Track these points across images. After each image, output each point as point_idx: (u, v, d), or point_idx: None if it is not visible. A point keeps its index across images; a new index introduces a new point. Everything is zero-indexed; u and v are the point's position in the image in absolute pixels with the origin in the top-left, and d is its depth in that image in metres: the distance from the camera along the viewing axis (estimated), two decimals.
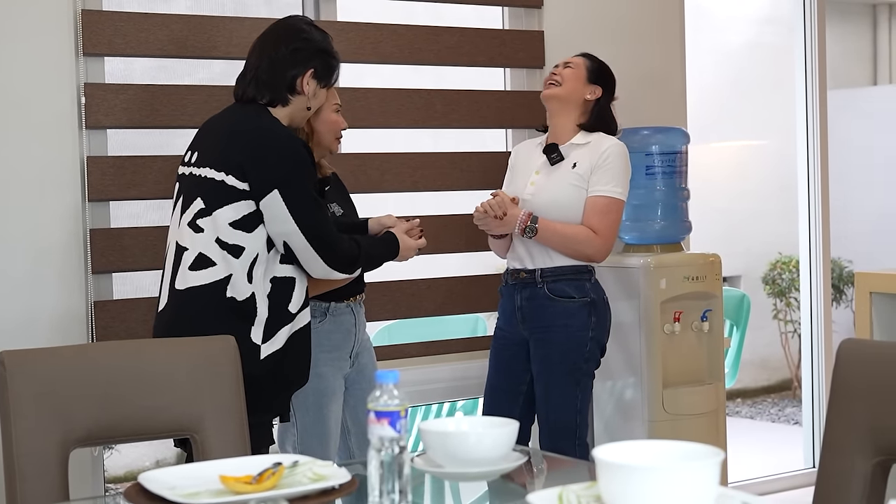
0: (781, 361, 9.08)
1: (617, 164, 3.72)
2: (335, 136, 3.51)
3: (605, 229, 3.70)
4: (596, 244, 3.70)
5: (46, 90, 3.58)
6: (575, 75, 3.81)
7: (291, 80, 3.12)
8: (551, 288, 3.74)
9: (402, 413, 1.80)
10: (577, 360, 3.74)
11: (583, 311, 3.74)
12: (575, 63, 3.84)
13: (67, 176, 3.60)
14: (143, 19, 3.73)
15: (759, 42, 9.28)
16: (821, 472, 2.36)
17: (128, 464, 6.76)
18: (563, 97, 3.81)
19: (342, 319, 3.51)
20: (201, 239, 3.01)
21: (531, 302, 3.78)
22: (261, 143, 3.02)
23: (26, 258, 3.55)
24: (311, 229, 3.01)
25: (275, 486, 1.97)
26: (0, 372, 2.43)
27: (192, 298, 3.02)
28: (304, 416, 3.45)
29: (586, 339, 3.74)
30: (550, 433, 3.78)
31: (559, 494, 1.78)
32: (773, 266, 8.97)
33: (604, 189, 3.69)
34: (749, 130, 9.28)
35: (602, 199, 3.69)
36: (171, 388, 2.57)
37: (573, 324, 3.72)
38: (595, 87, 3.83)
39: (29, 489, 2.38)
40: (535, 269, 3.76)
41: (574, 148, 3.78)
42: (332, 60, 3.20)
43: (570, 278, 3.74)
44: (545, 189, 3.77)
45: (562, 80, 3.81)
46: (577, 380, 3.74)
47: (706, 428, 4.37)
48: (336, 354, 3.49)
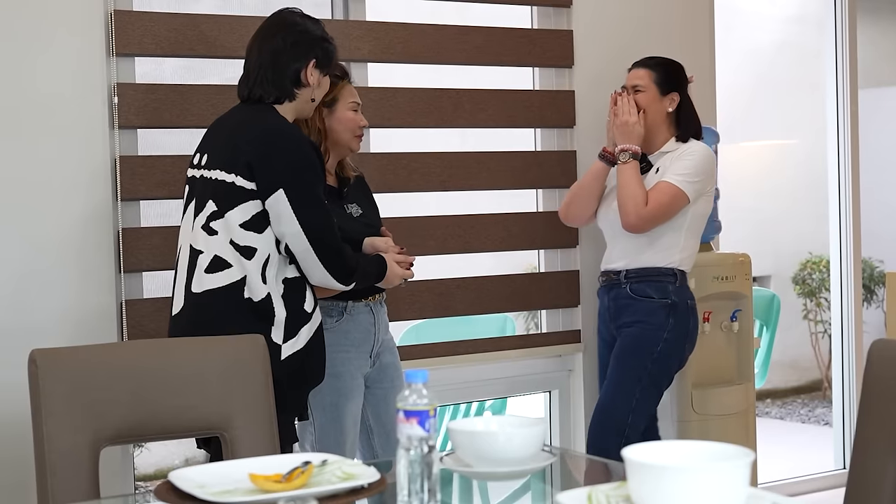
0: (811, 362, 9.03)
1: (692, 161, 3.78)
2: (353, 134, 3.47)
3: (654, 210, 3.73)
4: (637, 210, 3.73)
5: (78, 90, 3.60)
6: (649, 99, 3.85)
7: (295, 73, 3.12)
8: (633, 288, 3.82)
9: (430, 412, 1.80)
10: (643, 359, 3.76)
11: (660, 311, 3.78)
12: (644, 84, 3.86)
13: (98, 175, 3.62)
14: (173, 19, 3.74)
15: (790, 41, 9.24)
16: (852, 473, 2.34)
17: (157, 462, 6.79)
18: (649, 124, 3.86)
19: (360, 319, 3.49)
20: (216, 241, 3.02)
21: (616, 302, 3.87)
22: (267, 141, 3.01)
23: (57, 257, 3.57)
24: (314, 232, 3.00)
25: (304, 484, 1.97)
26: (32, 370, 2.45)
27: (210, 301, 3.02)
28: (321, 416, 3.44)
29: (659, 340, 3.77)
30: (597, 426, 3.77)
31: (588, 494, 1.77)
32: (803, 266, 8.92)
33: (671, 178, 3.75)
34: (779, 130, 9.24)
35: (663, 183, 3.75)
36: (201, 386, 2.58)
37: (649, 321, 3.78)
38: (671, 96, 3.88)
39: (60, 486, 2.39)
40: (621, 271, 3.85)
41: (663, 156, 3.86)
42: (330, 46, 3.20)
43: (653, 280, 3.80)
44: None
45: (639, 108, 3.83)
46: (640, 377, 3.75)
47: (736, 428, 4.35)
48: (354, 353, 3.48)
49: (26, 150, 3.53)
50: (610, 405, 3.77)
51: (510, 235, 4.33)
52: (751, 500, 1.71)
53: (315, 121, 3.41)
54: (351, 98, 3.47)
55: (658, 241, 3.82)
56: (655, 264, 3.81)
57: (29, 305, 3.52)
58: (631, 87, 3.87)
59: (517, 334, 5.22)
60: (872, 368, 2.36)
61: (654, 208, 3.74)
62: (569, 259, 4.48)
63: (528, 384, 4.48)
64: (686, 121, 3.89)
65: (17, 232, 3.52)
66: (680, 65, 3.95)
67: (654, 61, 3.91)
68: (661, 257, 3.82)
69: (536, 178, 4.41)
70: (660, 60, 3.92)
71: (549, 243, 4.44)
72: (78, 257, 3.59)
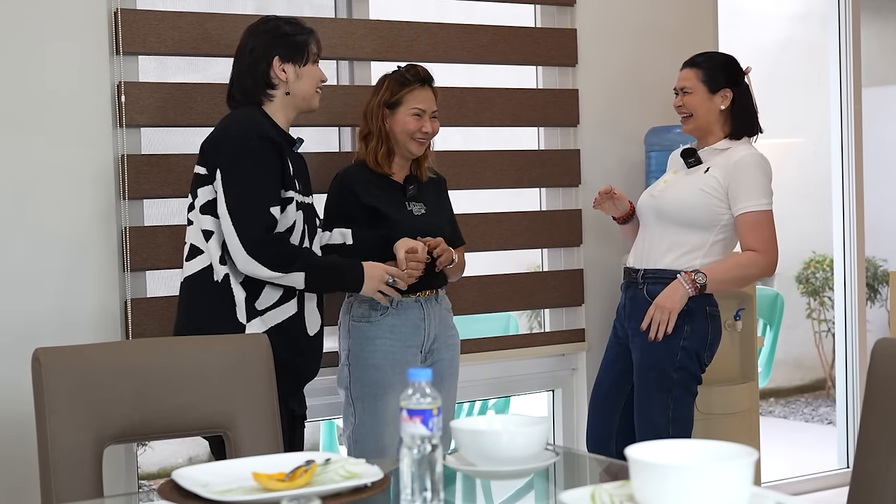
0: (815, 361, 9.02)
1: (752, 175, 3.62)
2: (411, 138, 3.61)
3: (764, 243, 3.60)
4: (761, 262, 3.61)
5: (83, 89, 3.60)
6: (698, 101, 3.74)
7: (264, 76, 3.25)
8: (650, 290, 3.69)
9: (434, 411, 1.80)
10: (666, 368, 3.65)
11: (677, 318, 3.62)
12: (691, 86, 3.74)
13: (103, 174, 3.63)
14: (178, 18, 3.74)
15: (793, 39, 9.23)
16: (855, 472, 2.34)
17: (161, 460, 6.80)
18: (702, 126, 3.76)
19: (409, 314, 3.58)
20: (191, 230, 3.23)
21: (632, 302, 3.76)
22: (218, 129, 3.22)
23: (62, 256, 3.57)
24: (237, 213, 3.09)
25: (307, 483, 1.97)
26: (35, 369, 2.45)
27: (188, 287, 3.23)
28: (361, 406, 3.57)
29: (677, 349, 3.64)
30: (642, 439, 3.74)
31: (592, 493, 1.77)
32: (806, 265, 8.92)
33: (747, 205, 3.60)
34: (782, 128, 9.22)
35: (750, 216, 3.60)
36: (205, 385, 2.58)
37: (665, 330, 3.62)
38: (724, 93, 3.76)
39: (63, 484, 2.39)
40: (640, 270, 3.74)
41: (713, 153, 3.74)
42: (294, 38, 3.28)
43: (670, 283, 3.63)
44: (674, 188, 3.74)
45: (689, 110, 3.75)
46: (669, 388, 3.66)
47: (739, 427, 4.35)
48: (399, 347, 3.56)
49: (31, 149, 3.54)
50: (643, 420, 3.69)
51: (514, 234, 4.33)
52: (754, 499, 1.70)
53: (378, 119, 3.61)
54: (414, 104, 3.61)
55: (682, 241, 3.69)
56: (675, 267, 3.67)
57: (33, 304, 3.53)
58: (681, 90, 3.77)
59: (520, 333, 5.21)
60: (876, 367, 2.36)
61: (765, 246, 3.60)
62: (572, 258, 4.48)
63: (532, 383, 4.49)
64: (739, 117, 3.75)
65: (22, 230, 3.52)
66: (732, 58, 3.82)
67: (701, 58, 3.79)
68: (683, 261, 3.68)
69: (540, 177, 4.40)
70: (708, 56, 3.81)
71: (553, 242, 4.44)
72: (82, 256, 3.59)
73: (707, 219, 3.66)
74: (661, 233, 3.73)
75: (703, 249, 3.68)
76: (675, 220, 3.69)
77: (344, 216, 3.59)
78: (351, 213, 3.59)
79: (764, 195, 3.62)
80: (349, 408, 3.61)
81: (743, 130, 3.75)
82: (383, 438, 3.51)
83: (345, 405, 3.64)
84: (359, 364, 3.57)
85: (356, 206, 3.59)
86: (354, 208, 3.59)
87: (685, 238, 3.68)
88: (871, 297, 8.53)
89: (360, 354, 3.57)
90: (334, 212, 3.63)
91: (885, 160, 8.35)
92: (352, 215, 3.58)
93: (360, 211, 3.59)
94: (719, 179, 3.64)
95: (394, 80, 3.67)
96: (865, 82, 5.68)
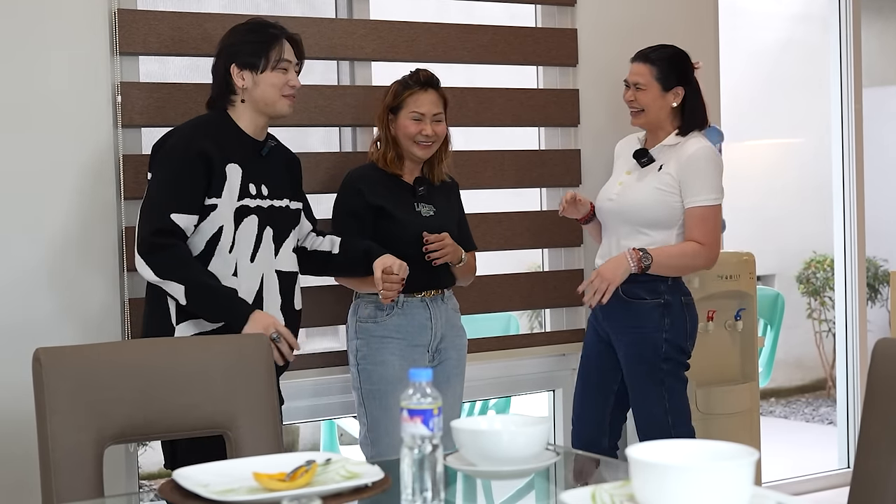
0: (816, 361, 9.03)
1: (704, 169, 3.71)
2: (413, 141, 3.63)
3: (709, 237, 3.70)
4: (704, 255, 3.71)
5: (82, 89, 3.60)
6: (650, 98, 3.78)
7: (226, 82, 3.30)
8: (624, 289, 3.73)
9: (434, 411, 1.80)
10: (654, 361, 3.74)
11: (654, 312, 3.73)
12: (644, 82, 3.77)
13: (102, 174, 3.62)
14: (178, 18, 3.74)
15: (794, 39, 9.23)
16: (856, 472, 2.34)
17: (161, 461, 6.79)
18: (653, 121, 3.81)
19: (414, 314, 3.63)
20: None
21: (608, 301, 3.76)
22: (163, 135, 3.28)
23: (62, 256, 3.57)
24: (140, 215, 3.18)
25: (308, 483, 1.97)
26: (36, 369, 2.45)
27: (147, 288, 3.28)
28: (371, 403, 3.61)
29: (660, 341, 3.73)
30: (644, 434, 3.79)
31: (592, 493, 1.77)
32: (807, 265, 8.92)
33: (698, 199, 3.70)
34: (783, 128, 9.23)
35: (699, 210, 3.70)
36: (205, 385, 2.58)
37: (645, 325, 3.74)
38: (676, 91, 3.79)
39: (64, 485, 2.39)
40: None
41: (664, 150, 3.80)
42: (254, 45, 3.29)
43: (643, 280, 3.72)
44: (632, 190, 3.80)
45: (641, 106, 3.78)
46: (661, 379, 3.75)
47: (740, 427, 4.35)
48: (404, 343, 3.61)
49: (30, 149, 3.54)
50: (642, 415, 3.78)
51: (514, 234, 4.33)
52: (755, 500, 1.70)
53: (384, 124, 3.67)
54: (414, 107, 3.64)
55: (648, 241, 3.75)
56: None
57: (33, 304, 3.53)
58: (633, 84, 3.81)
59: (521, 333, 5.21)
60: (877, 367, 2.36)
61: (708, 239, 3.70)
62: (573, 258, 4.48)
63: (532, 383, 4.48)
64: (690, 113, 3.80)
65: (22, 230, 3.52)
66: (684, 53, 3.85)
67: (656, 55, 3.81)
68: None
69: (540, 177, 4.40)
70: (662, 54, 3.81)
71: (553, 242, 4.44)
72: (82, 256, 3.59)
73: (668, 217, 3.74)
74: (625, 234, 3.80)
75: (671, 242, 3.75)
76: (637, 221, 3.77)
77: (350, 214, 3.61)
78: (356, 211, 3.61)
79: (714, 190, 3.71)
80: (361, 408, 3.64)
81: (693, 125, 3.80)
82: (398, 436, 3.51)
83: (357, 407, 3.67)
84: (367, 363, 3.60)
85: (362, 204, 3.61)
86: (360, 207, 3.61)
87: (650, 238, 3.76)
88: (872, 298, 8.54)
89: (368, 354, 3.60)
90: (340, 210, 3.66)
91: (885, 160, 8.35)
92: (357, 213, 3.60)
93: (366, 210, 3.60)
94: (673, 175, 3.72)
95: (398, 84, 3.70)
96: (866, 82, 5.68)
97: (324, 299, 3.88)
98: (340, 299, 3.83)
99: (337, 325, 3.99)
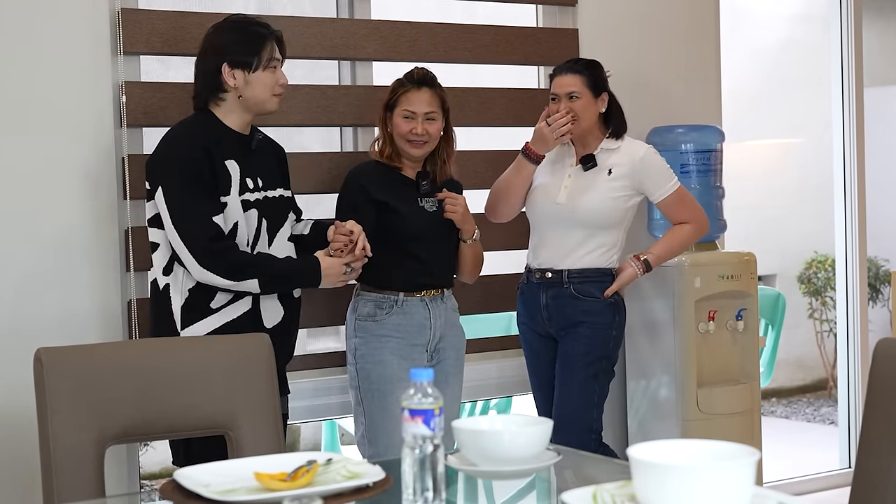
0: (817, 361, 9.02)
1: (658, 163, 3.89)
2: (405, 140, 3.64)
3: (692, 211, 3.92)
4: (697, 230, 3.94)
5: (85, 89, 3.60)
6: (585, 105, 3.84)
7: (214, 80, 3.28)
8: (578, 289, 3.86)
9: (436, 411, 1.80)
10: (601, 356, 3.85)
11: (608, 310, 3.87)
12: (578, 90, 3.83)
13: (105, 174, 3.63)
14: (180, 17, 3.75)
15: (795, 39, 9.22)
16: (857, 472, 2.34)
17: (163, 460, 6.80)
18: (585, 129, 3.87)
19: (414, 313, 3.65)
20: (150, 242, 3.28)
21: (557, 301, 3.88)
22: (158, 145, 3.26)
23: (64, 256, 3.57)
24: (182, 227, 3.15)
25: (309, 483, 1.97)
26: (37, 369, 2.45)
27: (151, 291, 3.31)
28: (369, 402, 3.62)
29: (609, 338, 3.87)
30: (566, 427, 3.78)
31: (593, 493, 1.77)
32: (808, 265, 8.91)
33: (665, 189, 3.87)
34: (784, 128, 9.22)
35: (671, 196, 3.88)
36: (206, 385, 2.58)
37: (599, 321, 3.85)
38: (602, 97, 3.89)
39: (65, 484, 2.40)
40: (563, 270, 3.87)
41: (605, 154, 3.88)
42: (243, 45, 3.28)
43: (596, 280, 3.86)
44: (585, 194, 3.85)
45: (577, 116, 3.82)
46: (597, 374, 3.85)
47: (741, 427, 4.35)
48: (403, 343, 3.62)
49: (33, 149, 3.54)
50: (577, 410, 3.83)
51: (515, 234, 4.32)
52: (756, 500, 1.70)
53: (382, 122, 3.69)
54: (406, 105, 3.65)
55: (599, 241, 3.87)
56: (598, 265, 3.86)
57: (36, 304, 3.53)
58: (565, 96, 3.84)
59: None
60: (878, 367, 2.36)
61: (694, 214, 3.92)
62: None
63: None
64: (616, 117, 3.91)
65: (24, 231, 3.53)
66: (600, 64, 3.94)
67: (581, 65, 3.89)
68: (604, 258, 3.87)
69: None
70: (586, 63, 3.90)
71: None
72: (85, 256, 3.60)
73: (620, 218, 3.89)
74: (574, 234, 3.87)
75: (618, 244, 3.92)
76: (590, 224, 3.86)
77: (352, 209, 3.61)
78: (358, 206, 3.61)
79: (671, 175, 3.90)
80: (358, 407, 3.65)
81: (620, 129, 3.92)
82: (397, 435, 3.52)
83: (354, 406, 3.67)
84: (366, 362, 3.60)
85: (365, 200, 3.61)
86: (363, 202, 3.61)
87: (601, 238, 3.87)
88: (873, 297, 8.53)
89: (366, 353, 3.60)
90: (343, 206, 3.67)
91: (886, 160, 8.35)
92: (359, 209, 3.60)
93: (369, 205, 3.61)
94: (626, 177, 3.85)
95: (395, 81, 3.72)
96: (867, 82, 5.67)
97: (324, 299, 3.88)
98: (340, 299, 3.83)
99: (337, 325, 3.99)
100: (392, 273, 3.63)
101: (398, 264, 3.63)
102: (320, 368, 3.96)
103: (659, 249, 3.93)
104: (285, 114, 3.75)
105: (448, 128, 3.74)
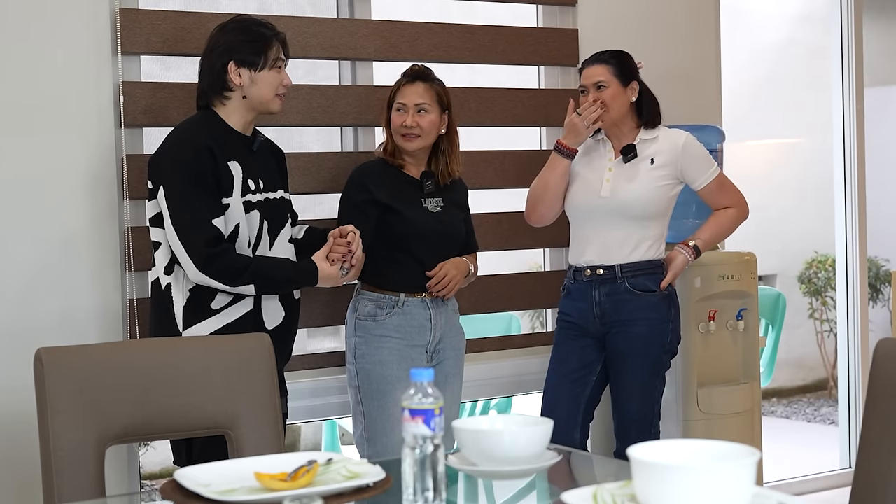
0: (817, 361, 9.03)
1: (699, 151, 3.89)
2: (399, 134, 3.66)
3: (734, 196, 3.95)
4: (741, 215, 3.97)
5: (84, 89, 3.61)
6: (613, 94, 3.82)
7: (220, 79, 3.28)
8: (632, 283, 3.82)
9: (436, 411, 1.80)
10: (658, 352, 3.83)
11: (663, 303, 3.84)
12: (605, 80, 3.81)
13: (105, 174, 3.63)
14: (180, 17, 3.75)
15: (795, 39, 9.22)
16: (857, 472, 2.34)
17: (163, 460, 6.80)
18: (616, 119, 3.84)
19: (414, 314, 3.64)
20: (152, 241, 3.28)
21: (611, 297, 3.83)
22: (162, 144, 3.25)
23: (64, 256, 3.57)
24: (181, 229, 3.15)
25: (309, 483, 1.97)
26: (38, 369, 2.45)
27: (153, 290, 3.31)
28: (369, 404, 3.61)
29: (667, 331, 3.84)
30: (630, 425, 3.83)
31: (594, 493, 1.77)
32: (808, 265, 8.92)
33: (707, 175, 3.88)
34: (784, 128, 9.23)
35: (713, 183, 3.89)
36: (207, 385, 2.58)
37: (655, 316, 3.82)
38: (632, 86, 3.86)
39: (65, 484, 2.39)
40: (615, 266, 3.83)
41: (644, 144, 3.86)
42: (251, 44, 3.29)
43: (649, 272, 3.83)
44: (630, 185, 3.82)
45: (607, 106, 3.80)
46: (657, 371, 3.84)
47: (741, 427, 4.35)
48: (403, 343, 3.62)
49: (33, 149, 3.54)
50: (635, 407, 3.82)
51: (516, 234, 4.33)
52: (756, 499, 1.70)
53: (385, 120, 3.71)
54: (399, 99, 3.68)
55: (645, 233, 3.83)
56: (650, 257, 3.83)
57: (36, 304, 3.53)
58: (593, 86, 3.82)
59: (522, 333, 5.21)
60: (878, 367, 2.36)
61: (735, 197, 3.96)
62: None
63: (534, 383, 4.47)
64: (649, 106, 3.89)
65: (24, 231, 3.53)
66: (629, 53, 3.92)
67: (608, 55, 3.87)
68: (653, 250, 3.84)
69: None
70: (612, 53, 3.88)
71: (555, 242, 4.44)
72: (85, 256, 3.60)
73: (665, 208, 3.87)
74: (620, 228, 3.82)
75: (663, 235, 3.90)
76: (637, 215, 3.82)
77: (355, 209, 3.62)
78: (361, 206, 3.62)
79: (711, 161, 3.92)
80: (358, 407, 3.65)
81: (655, 118, 3.91)
82: (396, 435, 3.52)
83: (353, 405, 3.66)
84: (365, 362, 3.60)
85: (368, 200, 3.62)
86: (366, 202, 3.62)
87: (647, 230, 3.84)
88: (874, 297, 8.53)
89: (366, 353, 3.60)
90: (346, 206, 3.67)
91: (887, 160, 8.35)
92: (362, 209, 3.60)
93: (372, 205, 3.61)
94: (669, 165, 3.83)
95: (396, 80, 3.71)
96: (867, 82, 5.67)
97: (324, 299, 3.88)
98: (340, 298, 3.83)
99: (337, 325, 3.99)
100: (393, 273, 3.63)
101: (400, 264, 3.63)
102: (319, 368, 3.96)
103: (707, 234, 3.92)
104: (285, 114, 3.75)
105: (451, 125, 3.73)
